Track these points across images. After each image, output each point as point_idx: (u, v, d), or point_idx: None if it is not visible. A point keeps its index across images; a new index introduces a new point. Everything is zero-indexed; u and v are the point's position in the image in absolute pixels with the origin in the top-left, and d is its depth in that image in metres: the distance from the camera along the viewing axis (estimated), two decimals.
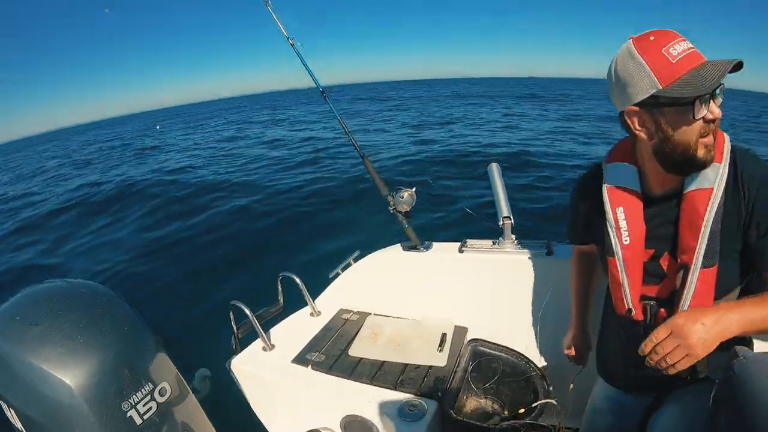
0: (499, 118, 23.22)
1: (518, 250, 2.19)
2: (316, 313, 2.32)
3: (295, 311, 2.33)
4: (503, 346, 2.03)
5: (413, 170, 10.66)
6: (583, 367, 1.86)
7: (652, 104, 1.19)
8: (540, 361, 2.14)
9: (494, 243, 2.25)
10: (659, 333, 1.11)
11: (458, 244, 2.33)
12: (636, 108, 1.23)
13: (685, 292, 1.29)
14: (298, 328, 2.21)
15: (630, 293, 1.41)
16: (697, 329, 1.06)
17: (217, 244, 7.23)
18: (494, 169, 2.34)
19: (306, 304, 2.32)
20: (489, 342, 2.05)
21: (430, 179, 9.11)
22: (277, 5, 2.42)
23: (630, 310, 1.42)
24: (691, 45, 1.15)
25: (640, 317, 1.42)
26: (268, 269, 5.43)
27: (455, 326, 2.18)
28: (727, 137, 1.28)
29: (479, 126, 19.61)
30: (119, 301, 1.26)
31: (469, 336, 2.14)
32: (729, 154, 1.25)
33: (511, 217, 2.19)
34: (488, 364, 2.00)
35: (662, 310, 1.38)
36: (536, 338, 2.16)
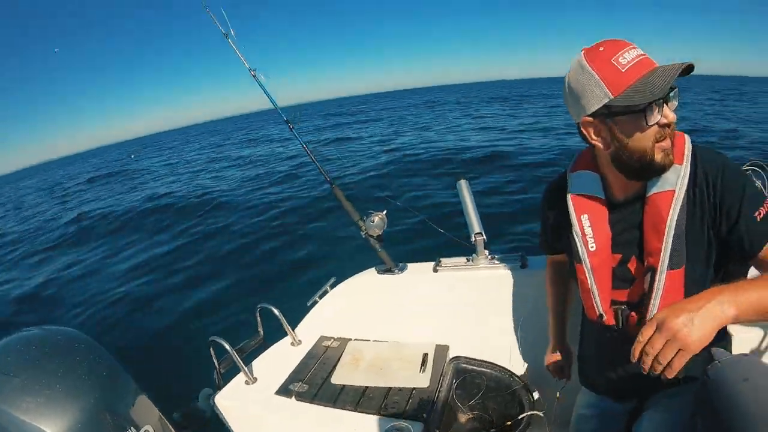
0: (470, 121, 23.72)
1: (493, 265, 2.24)
2: (296, 342, 2.32)
3: (276, 341, 2.33)
4: (486, 362, 2.05)
5: (383, 182, 10.99)
6: (567, 381, 1.90)
7: (606, 114, 1.23)
8: (524, 374, 2.17)
9: (468, 260, 2.29)
10: (645, 332, 1.03)
11: (432, 263, 2.37)
12: (590, 118, 1.27)
13: (654, 294, 1.31)
14: (279, 359, 2.21)
15: (600, 299, 1.45)
16: (683, 320, 0.98)
17: (195, 272, 7.30)
18: (463, 185, 2.37)
19: (286, 334, 2.33)
20: (471, 358, 2.07)
21: (397, 196, 9.25)
22: (239, 36, 2.47)
23: (601, 316, 1.45)
24: (641, 52, 1.19)
25: (612, 322, 1.44)
26: (247, 298, 5.50)
27: (436, 345, 2.20)
28: (687, 138, 1.32)
29: (451, 130, 20.04)
30: (96, 346, 1.27)
31: (451, 354, 2.16)
32: (690, 155, 1.29)
33: (483, 233, 2.23)
34: (472, 380, 2.02)
35: (633, 314, 1.41)
36: (518, 351, 2.19)
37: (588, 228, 1.44)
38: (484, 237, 2.23)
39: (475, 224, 2.25)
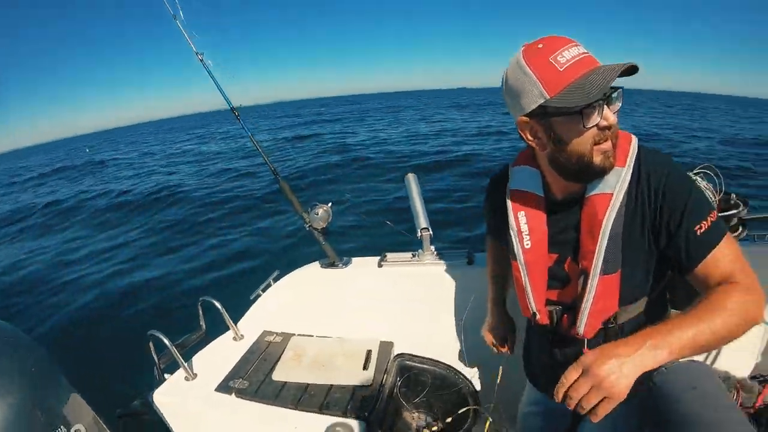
0: (426, 125, 24.37)
1: (438, 261, 2.26)
2: (239, 337, 2.30)
3: (219, 336, 2.31)
4: (431, 359, 2.08)
5: (333, 178, 11.40)
6: (509, 353, 1.84)
7: (542, 114, 1.19)
8: (469, 370, 2.18)
9: (414, 255, 2.31)
10: (569, 375, 1.00)
11: (377, 258, 2.38)
12: (526, 119, 1.23)
13: (585, 298, 1.29)
14: (221, 354, 2.19)
15: (533, 297, 1.43)
16: (611, 366, 0.96)
17: (139, 265, 7.30)
18: (411, 179, 2.38)
19: (229, 328, 2.31)
20: (416, 356, 2.11)
21: (347, 191, 9.42)
22: (188, 21, 2.42)
23: (534, 314, 1.44)
24: (583, 51, 1.13)
25: (545, 321, 1.43)
26: (191, 292, 5.47)
27: (381, 342, 2.21)
28: (634, 139, 1.28)
29: (408, 133, 20.54)
30: (24, 339, 1.24)
31: (396, 351, 2.18)
32: (633, 157, 1.24)
33: (429, 228, 2.24)
34: (416, 378, 2.06)
35: (565, 315, 1.40)
36: (464, 348, 2.20)
37: (524, 225, 1.42)
38: (431, 232, 2.24)
39: (422, 219, 2.26)
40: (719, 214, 1.78)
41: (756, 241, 2.20)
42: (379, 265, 2.33)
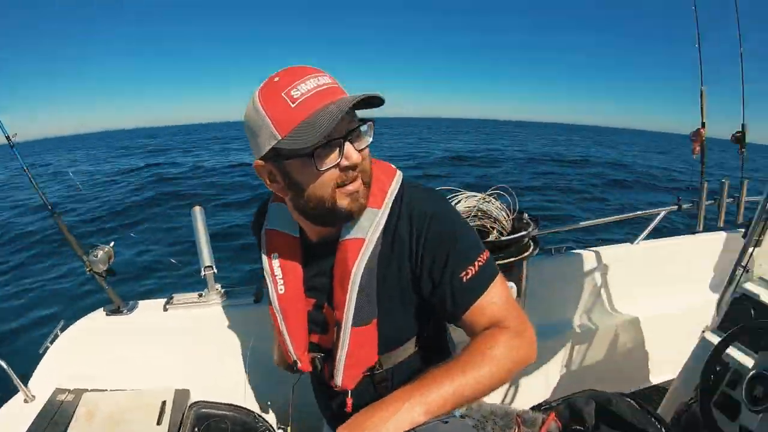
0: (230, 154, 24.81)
1: (225, 300, 2.19)
2: (30, 399, 2.13)
3: (9, 399, 2.13)
4: (227, 404, 1.98)
5: (145, 219, 11.46)
6: (300, 374, 1.72)
7: (275, 157, 1.10)
8: (265, 410, 2.16)
9: (200, 295, 2.23)
10: None
11: (164, 300, 2.29)
12: (262, 162, 1.14)
13: (339, 350, 1.24)
14: (10, 422, 2.02)
15: (293, 345, 1.37)
16: None
17: None
18: (197, 212, 2.26)
19: (18, 390, 2.13)
20: (213, 402, 1.99)
21: (133, 233, 9.35)
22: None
23: (295, 362, 1.40)
24: (325, 81, 1.04)
25: (308, 369, 1.40)
26: None
27: (175, 390, 2.08)
28: (397, 176, 1.23)
29: (234, 166, 21.66)
30: None
31: (192, 399, 2.06)
32: (392, 198, 1.19)
33: (214, 266, 2.16)
34: (216, 426, 1.95)
35: (326, 365, 1.35)
36: (258, 387, 2.17)
37: (278, 269, 1.34)
38: (215, 270, 2.17)
39: (206, 256, 2.18)
40: (512, 236, 1.80)
41: (553, 255, 2.49)
42: (165, 309, 2.24)
